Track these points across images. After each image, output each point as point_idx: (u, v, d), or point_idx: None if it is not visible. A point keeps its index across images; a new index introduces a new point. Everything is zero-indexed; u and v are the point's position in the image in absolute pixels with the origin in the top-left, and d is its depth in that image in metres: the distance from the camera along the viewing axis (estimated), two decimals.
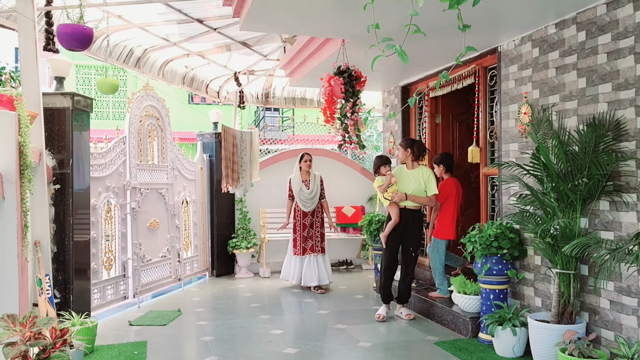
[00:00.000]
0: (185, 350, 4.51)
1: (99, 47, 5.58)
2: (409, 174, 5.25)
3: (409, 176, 5.24)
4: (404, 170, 5.29)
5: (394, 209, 5.17)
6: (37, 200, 3.91)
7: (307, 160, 6.74)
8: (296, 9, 3.89)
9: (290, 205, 6.83)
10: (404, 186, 5.20)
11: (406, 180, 5.23)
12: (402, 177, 5.26)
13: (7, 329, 2.92)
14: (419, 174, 5.22)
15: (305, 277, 6.66)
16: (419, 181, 5.19)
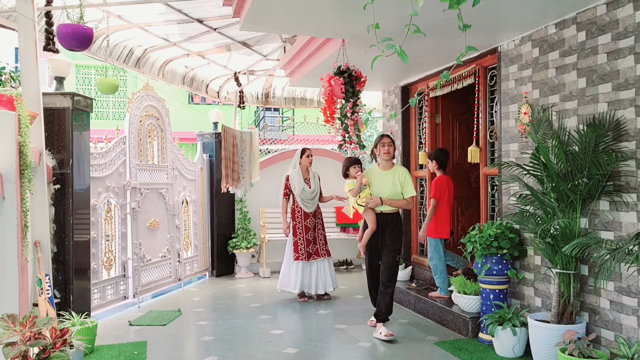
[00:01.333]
0: (185, 350, 4.51)
1: (99, 47, 5.58)
2: (383, 175, 4.81)
3: (382, 178, 4.80)
4: (376, 171, 4.86)
5: (370, 215, 4.74)
6: (37, 200, 3.91)
7: (309, 155, 6.32)
8: (296, 9, 3.89)
9: (285, 205, 6.32)
10: (379, 189, 4.76)
11: (380, 183, 4.78)
12: (375, 179, 4.81)
13: (7, 329, 2.92)
14: (394, 175, 4.79)
15: (312, 284, 6.15)
16: (394, 183, 4.75)
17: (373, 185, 4.78)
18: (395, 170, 4.82)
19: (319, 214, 6.36)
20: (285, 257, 6.30)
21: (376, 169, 4.88)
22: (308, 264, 6.14)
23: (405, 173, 4.83)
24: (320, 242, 6.26)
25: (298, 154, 6.37)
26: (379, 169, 4.86)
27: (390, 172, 4.81)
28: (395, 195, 4.76)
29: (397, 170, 4.83)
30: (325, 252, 6.27)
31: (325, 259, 6.24)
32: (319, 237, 6.27)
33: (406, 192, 4.79)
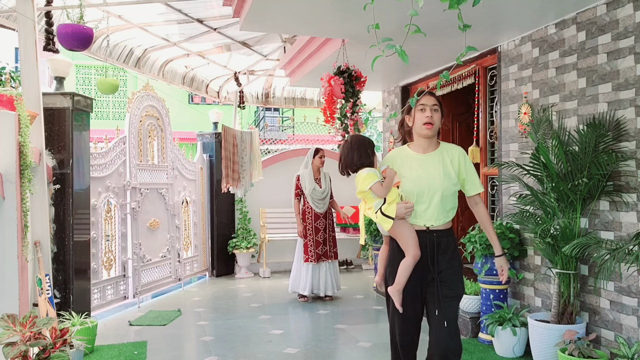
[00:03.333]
0: (185, 350, 4.51)
1: (99, 47, 5.58)
2: (422, 160, 2.76)
3: (422, 165, 2.75)
4: (407, 156, 2.80)
5: (406, 233, 2.67)
6: (37, 200, 3.91)
7: (322, 156, 6.13)
8: (296, 9, 3.89)
9: (298, 206, 6.15)
10: (416, 185, 2.70)
11: (417, 174, 2.73)
12: (407, 169, 2.76)
13: (7, 329, 2.92)
14: (442, 159, 2.76)
15: (321, 286, 6.09)
16: (446, 172, 2.73)
17: (405, 180, 2.71)
18: (443, 152, 2.78)
19: (329, 215, 6.24)
20: (295, 258, 6.23)
21: (406, 152, 2.81)
22: (317, 266, 6.06)
23: (461, 155, 2.80)
24: (329, 244, 6.15)
25: (311, 153, 6.19)
26: (412, 152, 2.80)
27: (434, 155, 2.77)
28: (448, 195, 2.71)
29: (447, 152, 2.78)
30: (333, 254, 6.17)
31: (333, 262, 6.17)
32: (329, 239, 6.16)
33: (471, 186, 2.78)
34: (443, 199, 2.69)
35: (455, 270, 2.71)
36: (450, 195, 2.71)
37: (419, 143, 2.81)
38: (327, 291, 6.13)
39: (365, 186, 2.69)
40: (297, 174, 6.20)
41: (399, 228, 2.65)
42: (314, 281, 6.06)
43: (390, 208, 2.64)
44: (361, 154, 2.76)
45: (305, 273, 6.05)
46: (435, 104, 2.74)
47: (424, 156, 2.77)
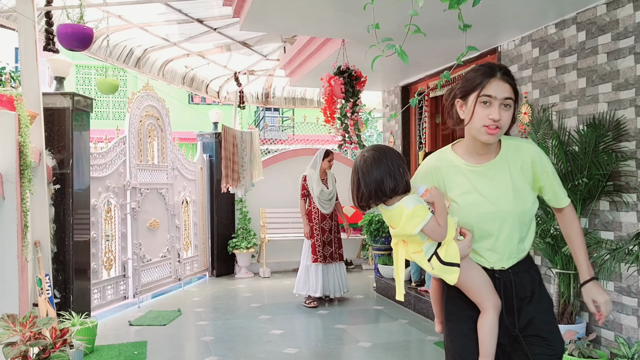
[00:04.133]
0: (185, 350, 4.51)
1: (99, 47, 5.58)
2: (478, 175, 1.87)
3: (479, 184, 1.86)
4: (453, 168, 1.91)
5: (475, 278, 1.84)
6: (37, 200, 3.91)
7: (331, 159, 6.08)
8: (296, 9, 3.89)
9: (304, 207, 6.04)
10: (475, 208, 1.85)
11: (472, 199, 1.86)
12: (454, 191, 1.90)
13: (7, 329, 2.92)
14: (510, 168, 1.86)
15: (331, 287, 6.00)
16: (517, 189, 1.84)
17: (455, 207, 1.88)
18: (508, 157, 1.88)
19: (335, 216, 6.16)
20: (302, 259, 6.09)
21: (451, 160, 1.92)
22: (326, 267, 5.97)
23: (536, 155, 1.88)
24: (335, 246, 6.08)
25: (320, 155, 6.09)
26: (462, 162, 1.89)
27: (497, 164, 1.87)
28: (525, 221, 1.87)
29: (514, 154, 1.88)
30: (338, 255, 6.08)
31: (340, 263, 6.09)
32: (335, 240, 6.08)
33: (552, 197, 1.94)
34: (517, 229, 1.81)
35: (547, 316, 1.86)
36: (527, 222, 1.83)
37: (472, 147, 1.83)
38: (336, 292, 6.04)
39: (414, 228, 1.72)
40: (304, 174, 6.09)
41: (464, 274, 1.79)
42: (325, 282, 5.95)
43: (451, 250, 1.75)
44: (395, 174, 1.76)
45: (315, 274, 5.94)
46: (508, 98, 1.73)
47: (480, 168, 1.82)
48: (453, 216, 1.84)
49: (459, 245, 1.78)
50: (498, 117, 1.72)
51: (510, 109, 1.77)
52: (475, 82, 1.76)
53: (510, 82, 1.77)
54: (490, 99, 1.73)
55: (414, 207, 1.75)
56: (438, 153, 1.96)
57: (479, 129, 1.76)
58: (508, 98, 1.74)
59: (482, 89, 1.74)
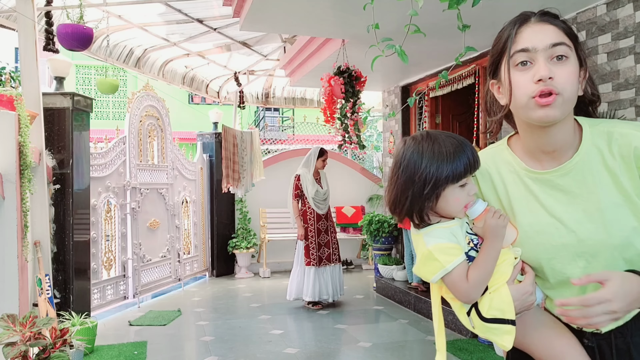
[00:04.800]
0: (185, 351, 4.51)
1: (99, 47, 5.59)
2: (548, 186, 1.17)
3: (551, 200, 1.16)
4: (511, 175, 1.23)
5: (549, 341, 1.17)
6: (37, 200, 3.91)
7: (325, 159, 5.91)
8: (296, 9, 3.89)
9: (297, 207, 5.84)
10: (536, 249, 1.19)
11: (542, 223, 1.17)
12: (516, 211, 1.21)
13: (7, 329, 2.92)
14: (600, 169, 1.13)
15: (329, 291, 5.76)
16: (613, 206, 1.10)
17: (519, 227, 1.20)
18: (593, 151, 1.14)
19: (329, 217, 5.97)
20: (295, 262, 5.88)
21: (509, 164, 1.25)
22: (321, 270, 5.74)
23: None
24: (333, 247, 5.86)
25: (315, 154, 5.90)
26: (522, 166, 1.21)
27: (577, 166, 1.14)
28: (626, 250, 1.11)
29: (604, 146, 1.13)
30: (337, 257, 5.87)
31: (337, 265, 5.85)
32: (332, 241, 5.88)
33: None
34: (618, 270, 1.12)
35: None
36: (636, 257, 1.12)
37: (530, 142, 1.19)
38: (329, 297, 5.82)
39: (430, 275, 1.19)
40: (297, 173, 5.91)
41: (530, 336, 1.19)
42: (320, 286, 5.72)
43: (499, 299, 1.14)
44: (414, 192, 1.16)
45: (307, 278, 5.71)
46: (558, 44, 1.11)
47: (549, 175, 1.17)
48: (527, 247, 1.18)
49: (513, 291, 1.14)
50: (546, 72, 1.05)
51: (567, 61, 1.09)
52: (501, 41, 1.15)
53: (555, 22, 1.17)
54: (529, 54, 1.09)
55: (433, 247, 1.17)
56: (490, 150, 1.31)
57: (525, 104, 1.09)
58: (557, 44, 1.09)
59: (512, 44, 1.11)
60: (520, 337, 1.17)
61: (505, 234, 1.17)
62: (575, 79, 1.11)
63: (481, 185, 1.26)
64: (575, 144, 1.16)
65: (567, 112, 1.10)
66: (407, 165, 1.17)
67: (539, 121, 1.09)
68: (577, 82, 1.12)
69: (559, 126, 1.12)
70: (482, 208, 1.18)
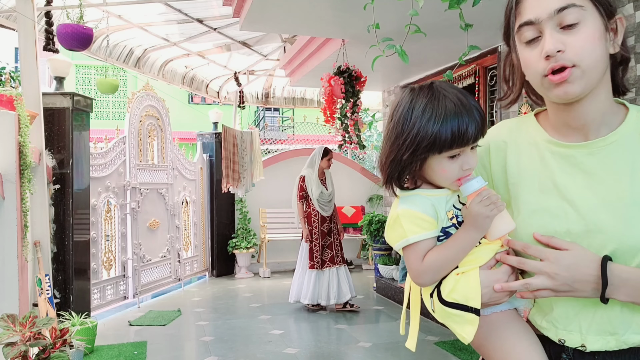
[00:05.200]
0: (185, 351, 4.51)
1: (98, 47, 5.58)
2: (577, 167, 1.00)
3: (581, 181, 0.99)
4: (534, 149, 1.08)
5: (510, 347, 1.02)
6: (37, 200, 3.91)
7: (330, 158, 5.75)
8: (296, 9, 3.89)
9: (302, 209, 5.70)
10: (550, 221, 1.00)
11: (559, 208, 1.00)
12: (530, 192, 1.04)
13: (7, 329, 2.91)
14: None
15: (330, 294, 5.59)
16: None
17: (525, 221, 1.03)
18: (637, 134, 0.97)
19: (334, 218, 5.82)
20: (298, 264, 5.77)
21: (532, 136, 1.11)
22: (322, 273, 5.59)
23: None
24: (336, 249, 5.70)
25: (319, 154, 5.75)
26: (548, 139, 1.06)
27: (613, 143, 0.98)
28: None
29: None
30: (341, 259, 5.69)
31: (341, 267, 5.66)
32: (335, 243, 5.72)
33: None
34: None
35: None
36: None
37: (556, 114, 1.06)
38: (340, 299, 5.61)
39: (393, 241, 1.08)
40: (302, 174, 5.77)
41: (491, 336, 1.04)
42: (316, 289, 5.59)
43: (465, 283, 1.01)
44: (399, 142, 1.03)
45: (308, 280, 5.61)
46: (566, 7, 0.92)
47: (575, 150, 1.02)
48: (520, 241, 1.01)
49: (483, 276, 0.99)
50: (552, 46, 0.91)
51: (581, 25, 0.91)
52: (506, 11, 1.07)
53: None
54: (534, 26, 0.96)
55: (402, 211, 1.05)
56: (514, 121, 1.19)
57: (540, 83, 0.99)
58: (563, 8, 0.91)
59: (513, 17, 1.02)
60: (482, 338, 1.03)
61: (498, 226, 1.01)
62: (594, 43, 0.92)
63: (492, 158, 1.11)
64: (613, 123, 1.00)
65: (593, 83, 0.94)
66: (397, 120, 1.03)
67: (559, 99, 0.97)
68: (599, 45, 0.92)
69: (589, 100, 0.97)
70: (477, 187, 1.01)
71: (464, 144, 1.00)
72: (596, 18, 0.92)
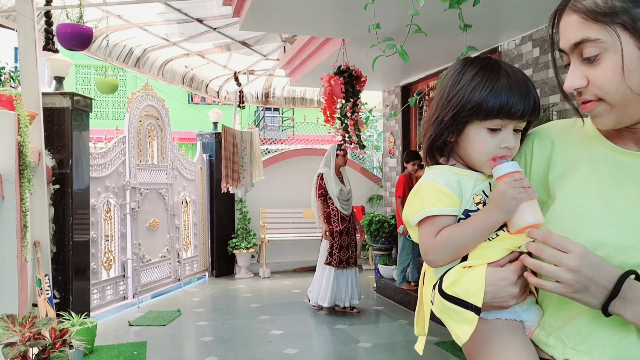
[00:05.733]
0: (185, 351, 4.51)
1: (98, 47, 5.58)
2: (631, 174, 0.91)
3: (637, 186, 0.90)
4: (586, 149, 0.98)
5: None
6: (36, 200, 3.90)
7: (345, 154, 5.61)
8: (296, 9, 3.88)
9: (322, 208, 5.55)
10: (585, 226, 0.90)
11: (607, 212, 0.90)
12: (576, 192, 0.95)
13: (6, 329, 2.91)
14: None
15: (341, 296, 5.52)
16: None
17: (560, 203, 0.96)
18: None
19: (353, 218, 5.73)
20: (318, 264, 5.64)
21: (590, 136, 0.99)
22: (340, 272, 5.50)
23: None
24: (352, 249, 5.61)
25: (333, 151, 5.61)
26: (605, 143, 0.96)
27: None
28: None
29: None
30: (354, 261, 5.62)
31: (354, 269, 5.61)
32: (352, 244, 5.63)
33: None
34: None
35: None
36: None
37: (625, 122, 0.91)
38: (347, 301, 5.56)
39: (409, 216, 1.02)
40: (320, 172, 5.63)
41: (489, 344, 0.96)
42: (337, 291, 5.50)
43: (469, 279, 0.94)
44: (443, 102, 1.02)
45: (327, 282, 5.48)
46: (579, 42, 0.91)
47: (636, 159, 0.92)
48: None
49: (489, 272, 0.92)
50: (571, 83, 0.97)
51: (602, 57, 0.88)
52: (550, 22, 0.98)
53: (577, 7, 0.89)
54: (567, 56, 0.98)
55: (425, 182, 1.01)
56: (569, 121, 1.06)
57: (579, 107, 0.98)
58: (580, 43, 0.90)
59: (553, 40, 0.99)
60: (477, 344, 0.95)
61: (524, 215, 0.92)
62: (617, 76, 0.85)
63: (535, 154, 1.02)
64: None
65: (629, 116, 0.88)
66: (446, 83, 1.01)
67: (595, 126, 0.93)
68: (630, 75, 0.84)
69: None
70: (510, 170, 0.93)
71: (509, 117, 0.96)
72: (627, 44, 0.84)
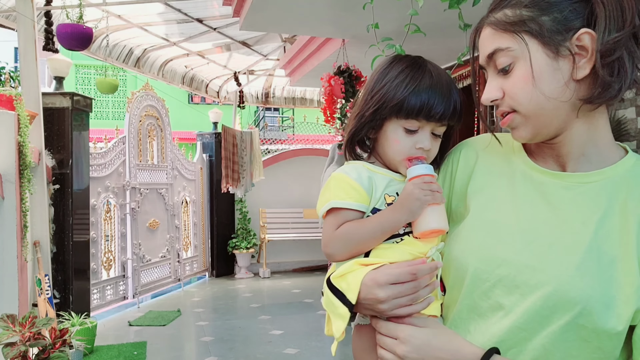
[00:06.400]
0: (185, 351, 4.51)
1: (98, 47, 5.58)
2: (547, 194, 0.87)
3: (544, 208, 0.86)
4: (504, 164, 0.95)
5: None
6: (36, 200, 3.90)
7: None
8: (296, 9, 3.88)
9: None
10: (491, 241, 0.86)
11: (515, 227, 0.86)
12: (487, 207, 0.91)
13: (6, 329, 2.91)
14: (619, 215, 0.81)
15: None
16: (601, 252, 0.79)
17: (471, 215, 0.93)
18: (624, 183, 0.83)
19: None
20: None
21: (514, 154, 0.95)
22: None
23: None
24: None
25: (334, 150, 5.48)
26: (526, 161, 0.92)
27: (598, 184, 0.85)
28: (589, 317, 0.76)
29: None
30: None
31: None
32: None
33: None
34: (569, 346, 0.78)
35: None
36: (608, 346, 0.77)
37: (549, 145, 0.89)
38: None
39: (319, 205, 0.99)
40: (331, 172, 5.69)
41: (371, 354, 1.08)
42: None
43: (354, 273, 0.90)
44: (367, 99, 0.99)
45: None
46: (491, 53, 0.86)
47: (554, 178, 0.87)
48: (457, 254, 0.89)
49: (369, 272, 0.88)
50: (485, 96, 0.90)
51: (514, 67, 0.83)
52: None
53: (490, 19, 0.87)
54: (485, 71, 0.93)
55: (336, 175, 0.98)
56: (503, 134, 0.99)
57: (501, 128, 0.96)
58: (492, 53, 0.86)
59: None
60: (359, 351, 0.98)
61: (428, 219, 0.90)
62: (527, 84, 0.81)
63: (461, 161, 0.99)
64: (600, 162, 0.85)
65: (547, 125, 0.83)
66: (371, 79, 1.00)
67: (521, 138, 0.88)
68: (540, 83, 0.80)
69: (562, 136, 0.85)
70: (423, 172, 0.91)
71: (427, 118, 0.93)
72: (536, 50, 0.80)
